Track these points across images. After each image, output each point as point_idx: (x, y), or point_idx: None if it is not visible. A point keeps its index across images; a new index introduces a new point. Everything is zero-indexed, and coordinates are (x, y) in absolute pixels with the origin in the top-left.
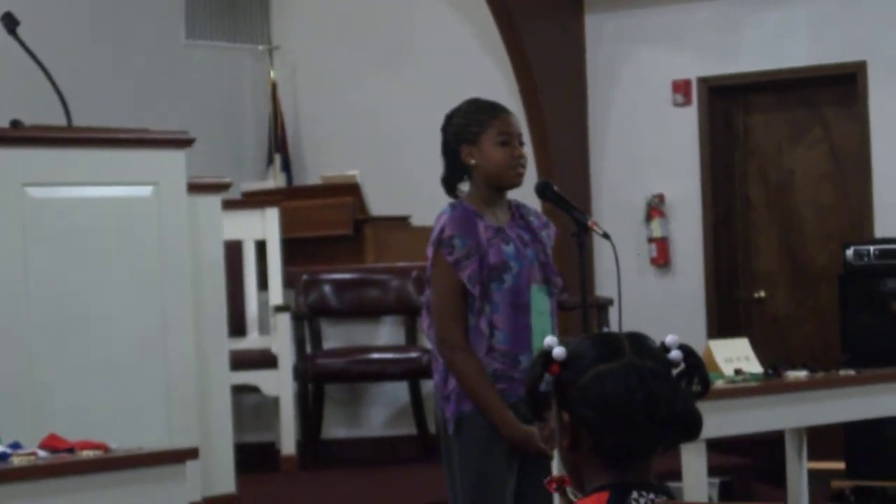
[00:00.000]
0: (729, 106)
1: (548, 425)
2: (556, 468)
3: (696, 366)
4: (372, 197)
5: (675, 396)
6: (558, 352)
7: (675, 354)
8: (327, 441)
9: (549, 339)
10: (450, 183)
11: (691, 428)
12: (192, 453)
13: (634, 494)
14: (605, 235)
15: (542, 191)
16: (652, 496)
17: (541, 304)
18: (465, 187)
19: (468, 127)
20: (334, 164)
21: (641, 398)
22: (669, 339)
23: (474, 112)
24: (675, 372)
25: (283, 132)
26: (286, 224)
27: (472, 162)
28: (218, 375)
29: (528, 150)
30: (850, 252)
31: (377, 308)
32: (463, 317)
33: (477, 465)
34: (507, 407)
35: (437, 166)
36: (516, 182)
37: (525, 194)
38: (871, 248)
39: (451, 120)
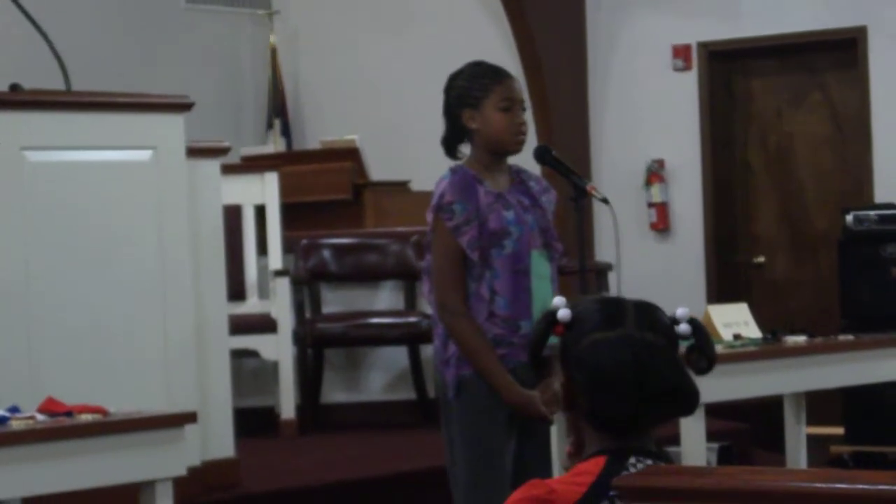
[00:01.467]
0: (729, 71)
1: (549, 389)
2: (555, 432)
3: (704, 341)
4: (371, 162)
5: (669, 372)
6: (563, 313)
7: (683, 328)
8: (326, 405)
9: (558, 300)
10: (450, 145)
11: (685, 403)
12: (190, 417)
13: (632, 460)
14: (604, 200)
15: (541, 155)
16: (649, 462)
17: (541, 269)
18: (465, 149)
19: (471, 91)
20: (334, 129)
21: (632, 371)
22: (680, 311)
23: (478, 76)
24: (683, 345)
25: (283, 97)
26: (285, 189)
27: (474, 126)
28: (217, 340)
29: (527, 115)
30: (849, 217)
31: (376, 273)
32: (463, 282)
33: (476, 429)
34: (508, 371)
35: (436, 132)
36: (516, 149)
37: (524, 159)
38: (871, 213)
39: (453, 82)
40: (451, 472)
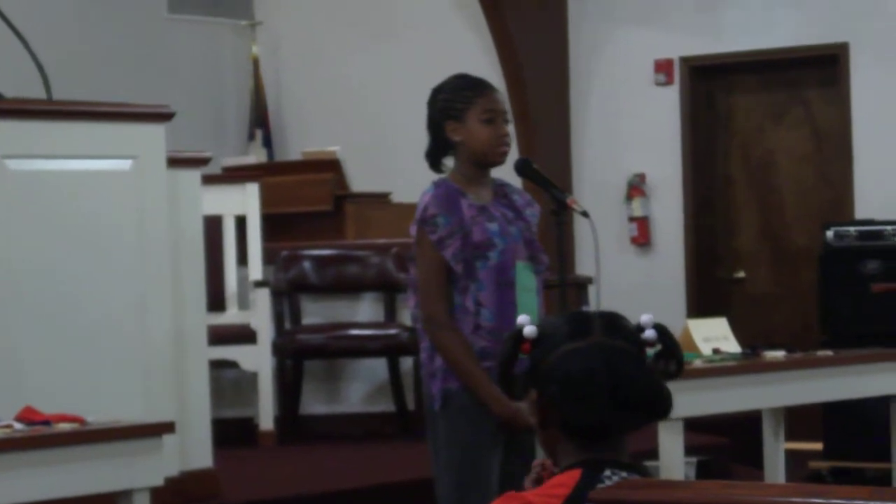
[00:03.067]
0: (711, 86)
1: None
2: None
3: (671, 346)
4: (353, 173)
5: (641, 376)
6: (529, 330)
7: (649, 334)
8: (306, 417)
9: (522, 318)
10: (434, 158)
11: (659, 407)
12: (168, 427)
13: (607, 472)
14: (585, 213)
15: (522, 168)
16: (624, 474)
17: (526, 281)
18: (449, 162)
19: (454, 103)
20: (315, 140)
21: (605, 377)
22: (644, 318)
23: (461, 88)
24: (651, 352)
25: (265, 107)
26: (266, 199)
27: (457, 138)
28: (196, 350)
29: (509, 128)
30: (830, 233)
31: (357, 284)
32: (448, 295)
33: (463, 442)
34: (494, 384)
35: (418, 143)
36: (499, 161)
37: (505, 172)
38: (851, 228)
39: (437, 95)
40: (437, 483)
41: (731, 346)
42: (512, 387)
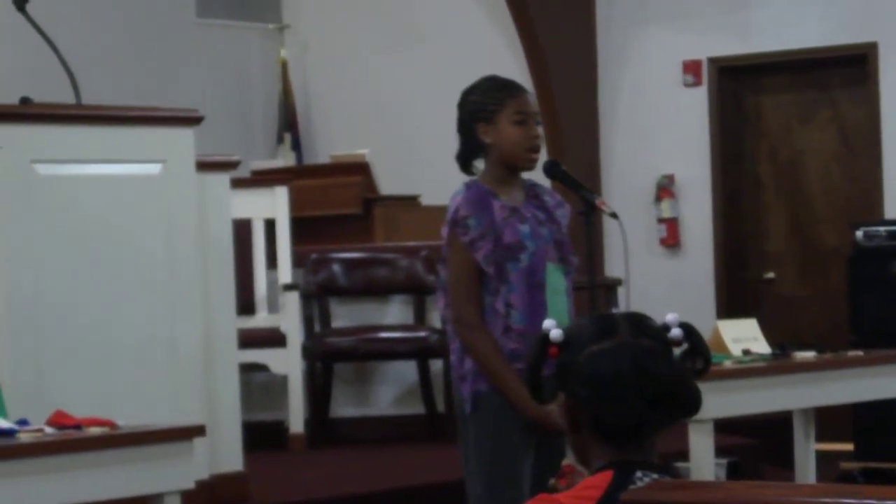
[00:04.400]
0: (739, 86)
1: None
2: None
3: (698, 344)
4: (381, 176)
5: (668, 373)
6: (555, 334)
7: (675, 333)
8: (335, 420)
9: (548, 322)
10: (464, 160)
11: (689, 404)
12: (199, 430)
13: (639, 473)
14: (614, 215)
15: (551, 169)
16: (656, 476)
17: (556, 282)
18: (480, 164)
19: (485, 105)
20: (344, 143)
21: (632, 376)
22: (670, 317)
23: (492, 90)
24: (678, 351)
25: (293, 111)
26: (295, 203)
27: (488, 140)
28: (226, 354)
29: (538, 129)
30: (859, 233)
31: (386, 287)
32: (479, 297)
33: (493, 444)
34: (524, 386)
35: (447, 145)
36: (529, 166)
37: (535, 173)
38: (881, 228)
39: (467, 97)
40: (468, 486)
41: (761, 346)
42: (540, 391)
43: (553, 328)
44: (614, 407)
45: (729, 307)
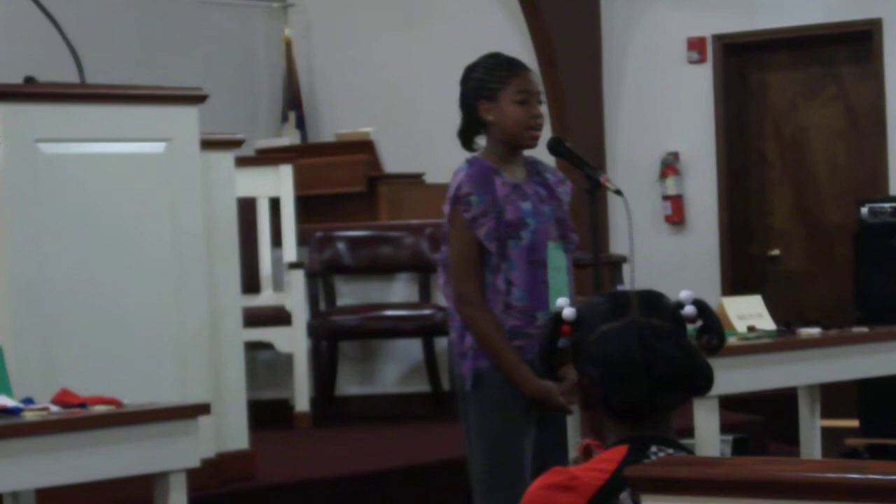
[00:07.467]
0: (744, 63)
1: (567, 380)
2: (571, 423)
3: (711, 321)
4: (386, 154)
5: (677, 353)
6: (568, 313)
7: (689, 310)
8: (341, 398)
9: (561, 301)
10: (466, 137)
11: (699, 383)
12: (204, 409)
13: (653, 448)
14: (618, 192)
15: (555, 147)
16: (671, 451)
17: (557, 260)
18: (481, 141)
19: (487, 83)
20: (348, 122)
21: (640, 356)
22: (683, 294)
23: (494, 68)
24: (692, 328)
25: (298, 89)
26: (300, 181)
27: (490, 118)
28: (231, 332)
29: (542, 107)
30: (864, 209)
31: (391, 265)
32: (480, 274)
33: (494, 421)
34: (525, 363)
35: (451, 124)
36: (530, 144)
37: (538, 151)
38: (886, 205)
39: (470, 74)
40: (470, 463)
41: (766, 323)
42: (552, 368)
43: (566, 307)
44: (623, 387)
45: (734, 284)
